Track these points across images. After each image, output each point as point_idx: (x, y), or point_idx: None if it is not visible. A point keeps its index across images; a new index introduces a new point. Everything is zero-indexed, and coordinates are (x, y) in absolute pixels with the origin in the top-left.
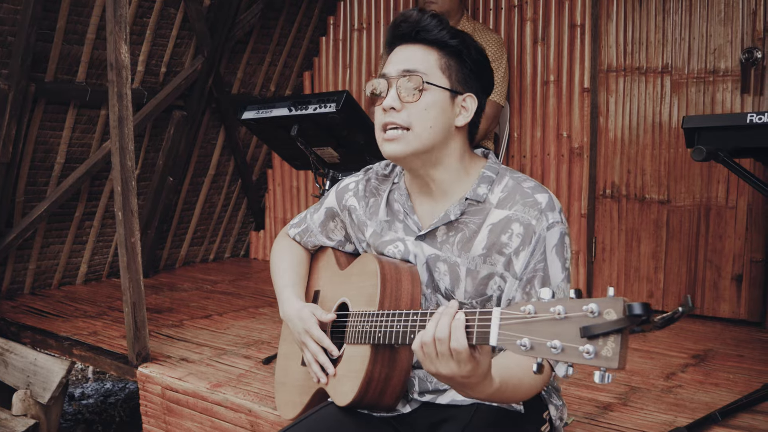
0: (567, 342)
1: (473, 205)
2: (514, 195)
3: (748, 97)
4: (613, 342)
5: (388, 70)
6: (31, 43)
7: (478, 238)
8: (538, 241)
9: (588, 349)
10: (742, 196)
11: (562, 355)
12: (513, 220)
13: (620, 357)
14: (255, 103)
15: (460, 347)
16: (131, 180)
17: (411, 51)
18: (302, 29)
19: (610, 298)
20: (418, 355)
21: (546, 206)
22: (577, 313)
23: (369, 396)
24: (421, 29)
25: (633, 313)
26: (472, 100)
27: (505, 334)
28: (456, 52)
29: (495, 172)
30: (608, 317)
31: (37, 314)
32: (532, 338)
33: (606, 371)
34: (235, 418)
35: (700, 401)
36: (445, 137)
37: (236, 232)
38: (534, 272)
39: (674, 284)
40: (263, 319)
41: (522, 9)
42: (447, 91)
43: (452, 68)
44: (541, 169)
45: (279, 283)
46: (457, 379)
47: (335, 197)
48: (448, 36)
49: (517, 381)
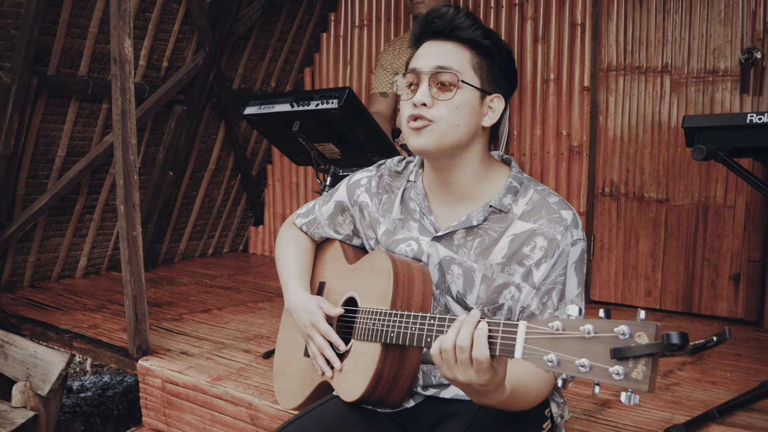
0: (596, 362)
1: (496, 213)
2: (539, 209)
3: (747, 97)
4: (644, 365)
5: (420, 65)
6: (34, 37)
7: (498, 246)
8: (561, 256)
9: (618, 371)
10: (740, 196)
11: (590, 373)
12: (537, 234)
13: (651, 380)
14: (257, 99)
15: (482, 357)
16: (133, 174)
17: (444, 47)
18: (303, 25)
19: (641, 321)
20: (436, 360)
21: (571, 223)
22: (608, 334)
23: (377, 393)
24: (455, 27)
25: (671, 342)
26: (499, 101)
27: (531, 348)
28: (488, 52)
29: (519, 183)
30: (640, 341)
31: (37, 307)
32: (559, 355)
33: (633, 392)
34: (235, 412)
35: (698, 399)
36: (471, 137)
37: (235, 227)
38: (554, 284)
39: (672, 283)
40: (262, 314)
41: (522, 7)
42: (478, 90)
43: (483, 68)
44: (540, 168)
45: (285, 273)
46: (474, 387)
47: (346, 192)
48: (482, 36)
49: (524, 390)
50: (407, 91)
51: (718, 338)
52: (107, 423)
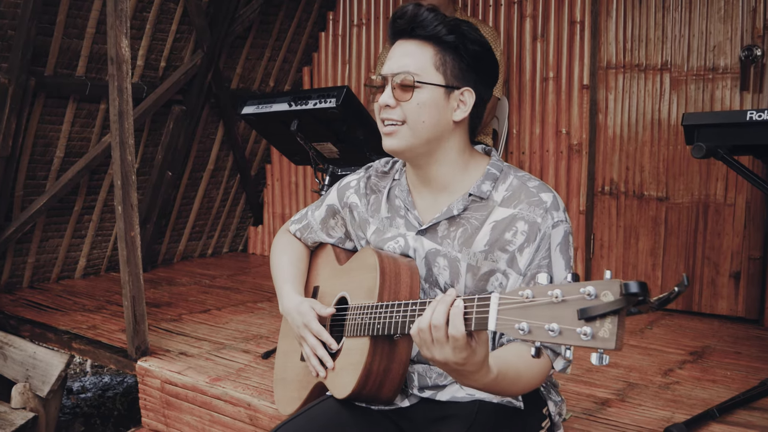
0: (565, 325)
1: (476, 201)
2: (519, 194)
3: (747, 95)
4: (610, 323)
5: (384, 70)
6: (31, 37)
7: (480, 234)
8: (543, 239)
9: (585, 331)
10: (740, 194)
11: (560, 337)
12: (518, 219)
13: (617, 338)
14: (255, 98)
15: (458, 334)
16: (131, 174)
17: (407, 47)
18: (301, 24)
19: (607, 280)
20: (416, 341)
21: (551, 205)
22: (575, 296)
23: (368, 388)
24: (416, 25)
25: (629, 291)
26: (469, 94)
27: (503, 318)
28: (453, 47)
29: (499, 170)
30: (605, 299)
31: (36, 308)
32: (530, 322)
33: (603, 352)
34: (234, 412)
35: (698, 398)
36: (442, 131)
37: (234, 227)
38: (538, 268)
39: (672, 281)
40: (262, 314)
41: (521, 5)
42: (441, 87)
43: (447, 64)
44: (539, 166)
45: (279, 279)
46: (451, 365)
47: (336, 195)
48: (445, 31)
49: (514, 373)
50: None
51: (678, 288)
52: (107, 424)
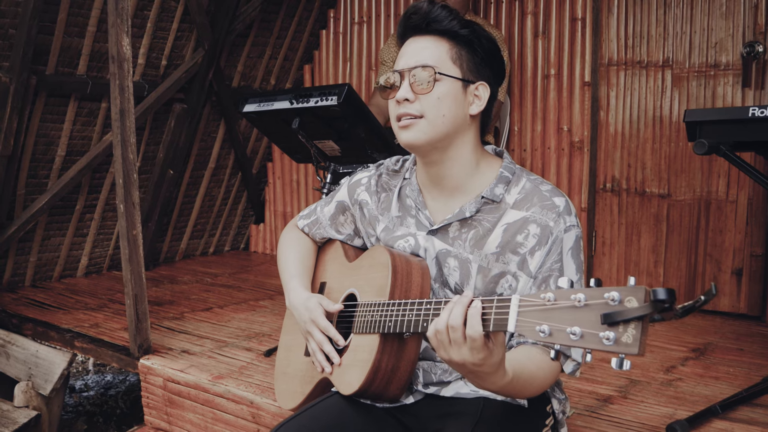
0: (587, 329)
1: (489, 203)
2: (531, 197)
3: (749, 91)
4: (634, 329)
5: (399, 66)
6: (33, 36)
7: (491, 236)
8: (555, 242)
9: (608, 336)
10: (742, 190)
11: (581, 341)
12: (530, 222)
13: (641, 343)
14: (256, 96)
15: (476, 335)
16: (133, 172)
17: (422, 42)
18: (302, 22)
19: (631, 286)
20: (432, 342)
21: (564, 210)
22: (598, 301)
23: (375, 386)
24: (432, 20)
25: (657, 298)
26: (484, 88)
27: (523, 320)
28: (467, 41)
29: (512, 173)
30: (629, 305)
31: (38, 306)
32: (551, 325)
33: (624, 357)
34: (237, 410)
35: (700, 394)
36: (459, 126)
37: (236, 226)
38: (550, 272)
39: (674, 278)
40: (264, 312)
41: (523, 2)
42: (459, 80)
43: (463, 58)
44: (541, 163)
45: (286, 273)
46: (468, 367)
47: (347, 191)
48: (459, 26)
49: (528, 376)
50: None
51: (705, 296)
52: (110, 422)
